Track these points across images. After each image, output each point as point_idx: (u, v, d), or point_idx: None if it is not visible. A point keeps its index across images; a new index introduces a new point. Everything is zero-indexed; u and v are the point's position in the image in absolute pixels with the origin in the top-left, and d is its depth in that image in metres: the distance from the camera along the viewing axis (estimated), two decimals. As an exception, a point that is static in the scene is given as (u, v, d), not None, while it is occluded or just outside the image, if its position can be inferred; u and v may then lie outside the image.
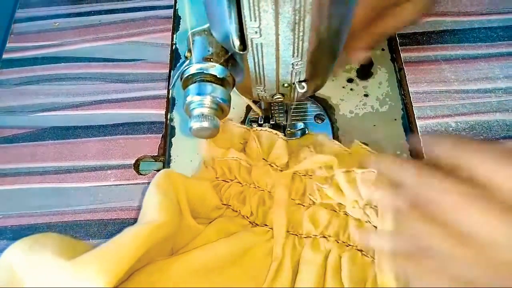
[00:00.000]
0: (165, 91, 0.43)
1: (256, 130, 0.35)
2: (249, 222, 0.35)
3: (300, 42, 0.25)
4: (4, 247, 0.36)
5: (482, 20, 0.44)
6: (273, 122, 0.38)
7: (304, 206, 0.34)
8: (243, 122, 0.41)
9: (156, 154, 0.40)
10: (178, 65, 0.29)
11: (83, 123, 0.42)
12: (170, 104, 0.43)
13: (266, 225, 0.34)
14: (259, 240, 0.33)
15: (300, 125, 0.40)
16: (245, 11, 0.22)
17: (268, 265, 0.32)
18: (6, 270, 0.27)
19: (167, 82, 0.43)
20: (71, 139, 0.41)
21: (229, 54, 0.27)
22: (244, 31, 0.24)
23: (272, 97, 0.31)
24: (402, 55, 0.43)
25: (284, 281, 0.31)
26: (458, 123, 0.39)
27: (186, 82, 0.27)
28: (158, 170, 0.38)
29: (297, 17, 0.23)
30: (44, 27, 0.48)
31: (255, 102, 0.38)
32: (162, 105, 0.42)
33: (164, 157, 0.40)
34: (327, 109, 0.41)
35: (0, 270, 0.27)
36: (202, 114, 0.25)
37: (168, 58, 0.45)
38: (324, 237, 0.33)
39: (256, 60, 0.26)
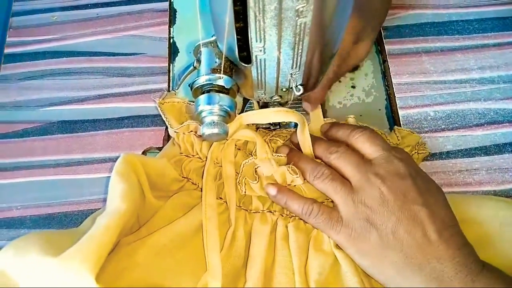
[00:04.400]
0: (166, 85, 0.46)
1: None
2: None
3: (299, 57, 0.28)
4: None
5: (460, 13, 0.48)
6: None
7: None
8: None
9: (161, 146, 0.43)
10: (183, 70, 0.32)
11: (90, 117, 0.44)
12: (171, 97, 0.45)
13: (221, 198, 0.38)
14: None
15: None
16: (252, 34, 0.25)
17: (225, 234, 0.36)
18: (0, 275, 0.29)
19: (167, 76, 0.46)
20: (80, 132, 0.44)
21: (234, 64, 0.30)
22: (250, 49, 0.27)
23: (271, 98, 0.34)
24: (386, 47, 0.46)
25: (239, 248, 0.36)
26: (436, 112, 0.44)
27: (196, 91, 0.30)
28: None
29: (297, 39, 0.26)
30: (42, 21, 0.49)
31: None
32: (163, 98, 0.45)
33: (168, 148, 0.43)
34: (317, 100, 0.45)
35: None
36: (213, 122, 0.29)
37: (166, 51, 0.47)
38: (270, 211, 0.37)
39: (259, 72, 0.29)
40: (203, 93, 0.30)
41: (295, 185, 0.37)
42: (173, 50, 0.48)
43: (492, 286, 0.28)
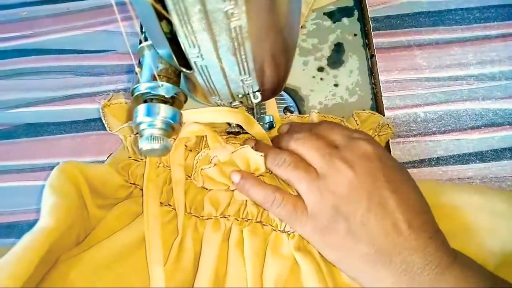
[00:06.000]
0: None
1: None
2: None
3: (245, 63, 0.24)
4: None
5: (459, 0, 0.43)
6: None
7: (206, 189, 0.35)
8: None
9: (128, 150, 0.40)
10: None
11: (56, 119, 0.42)
12: (141, 97, 0.43)
13: (169, 205, 0.35)
14: (161, 221, 0.33)
15: (269, 117, 0.40)
16: (182, 39, 0.22)
17: (171, 245, 0.33)
18: None
19: (137, 75, 0.43)
20: (44, 136, 0.42)
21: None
22: (186, 55, 0.24)
23: (231, 103, 0.31)
24: (374, 40, 0.42)
25: (187, 260, 0.32)
26: (427, 113, 0.39)
27: (137, 100, 0.27)
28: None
29: (235, 44, 0.22)
30: (11, 17, 0.47)
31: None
32: (132, 99, 0.42)
33: (136, 153, 0.40)
34: (296, 100, 0.41)
35: None
36: (152, 136, 0.26)
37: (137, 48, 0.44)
38: (224, 217, 0.34)
39: (204, 78, 0.26)
40: (145, 101, 0.27)
41: (258, 176, 0.34)
42: (145, 46, 0.45)
43: (462, 277, 0.25)
